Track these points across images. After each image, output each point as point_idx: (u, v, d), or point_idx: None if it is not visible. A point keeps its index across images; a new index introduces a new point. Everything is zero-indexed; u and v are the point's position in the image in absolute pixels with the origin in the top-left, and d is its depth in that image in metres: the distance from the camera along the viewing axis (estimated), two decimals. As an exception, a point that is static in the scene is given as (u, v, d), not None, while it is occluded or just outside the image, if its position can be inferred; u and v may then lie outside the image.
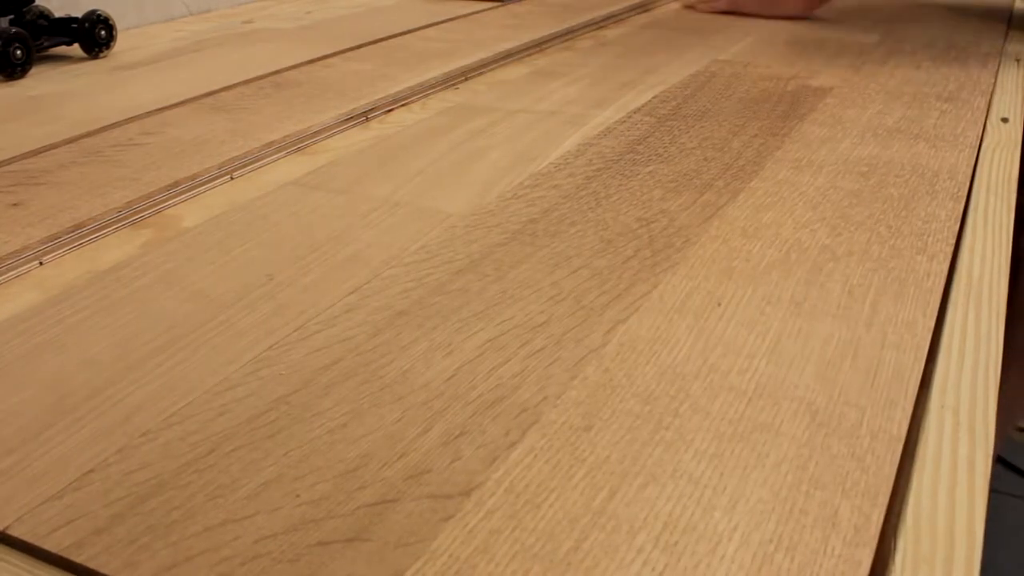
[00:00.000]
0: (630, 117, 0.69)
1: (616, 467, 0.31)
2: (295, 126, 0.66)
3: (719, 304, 0.41)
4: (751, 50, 0.94)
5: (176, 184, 0.55)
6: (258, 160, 0.60)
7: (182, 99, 0.73)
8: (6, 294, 0.44)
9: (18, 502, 0.30)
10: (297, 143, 0.64)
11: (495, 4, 1.19)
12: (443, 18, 1.08)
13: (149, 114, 0.70)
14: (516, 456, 0.31)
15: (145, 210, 0.53)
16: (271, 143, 0.63)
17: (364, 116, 0.70)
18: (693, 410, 0.34)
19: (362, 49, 0.93)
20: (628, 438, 0.32)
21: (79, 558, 0.27)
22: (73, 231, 0.49)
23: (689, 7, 1.17)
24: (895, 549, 0.28)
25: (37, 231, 0.49)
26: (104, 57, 0.91)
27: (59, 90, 0.78)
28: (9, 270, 0.45)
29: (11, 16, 0.87)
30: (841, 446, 0.32)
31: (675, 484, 0.30)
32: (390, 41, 0.97)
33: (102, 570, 0.27)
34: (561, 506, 0.29)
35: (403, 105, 0.74)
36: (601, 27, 1.08)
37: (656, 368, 0.36)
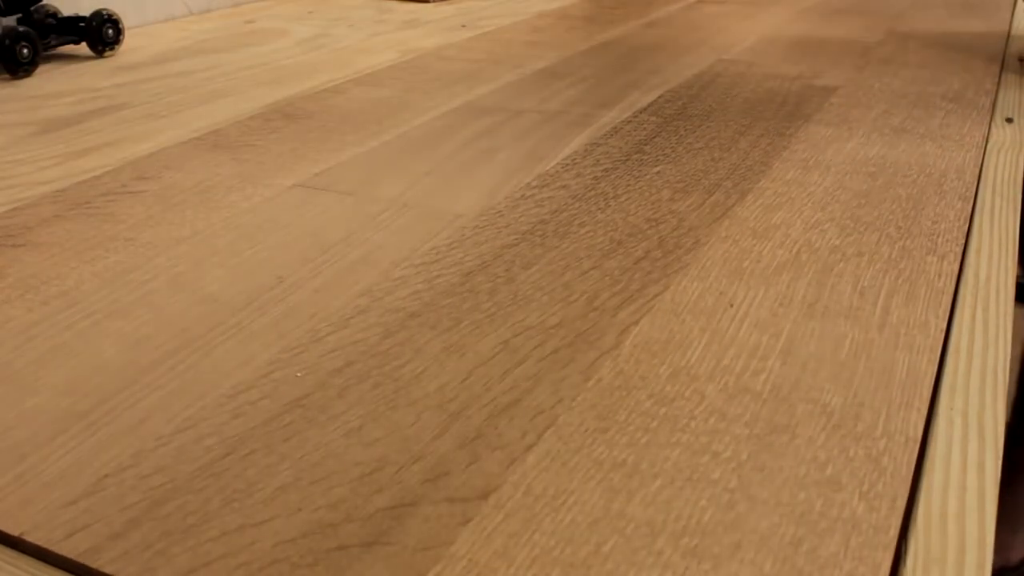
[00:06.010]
0: (636, 117, 0.69)
1: (634, 470, 0.31)
2: (310, 168, 0.65)
3: (731, 305, 0.41)
4: (755, 50, 0.94)
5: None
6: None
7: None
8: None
9: (33, 507, 0.29)
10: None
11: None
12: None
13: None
14: (533, 459, 0.31)
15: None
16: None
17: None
18: (709, 412, 0.34)
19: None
20: (645, 440, 0.32)
21: (96, 563, 0.27)
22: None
23: None
24: (906, 551, 0.28)
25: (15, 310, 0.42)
26: (110, 56, 0.91)
27: (61, 89, 0.78)
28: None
29: (19, 15, 0.87)
30: (858, 448, 0.32)
31: (693, 487, 0.30)
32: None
33: (118, 575, 0.27)
34: (580, 509, 0.29)
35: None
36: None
37: (670, 369, 0.36)
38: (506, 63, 0.88)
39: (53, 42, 0.89)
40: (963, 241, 0.48)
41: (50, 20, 0.89)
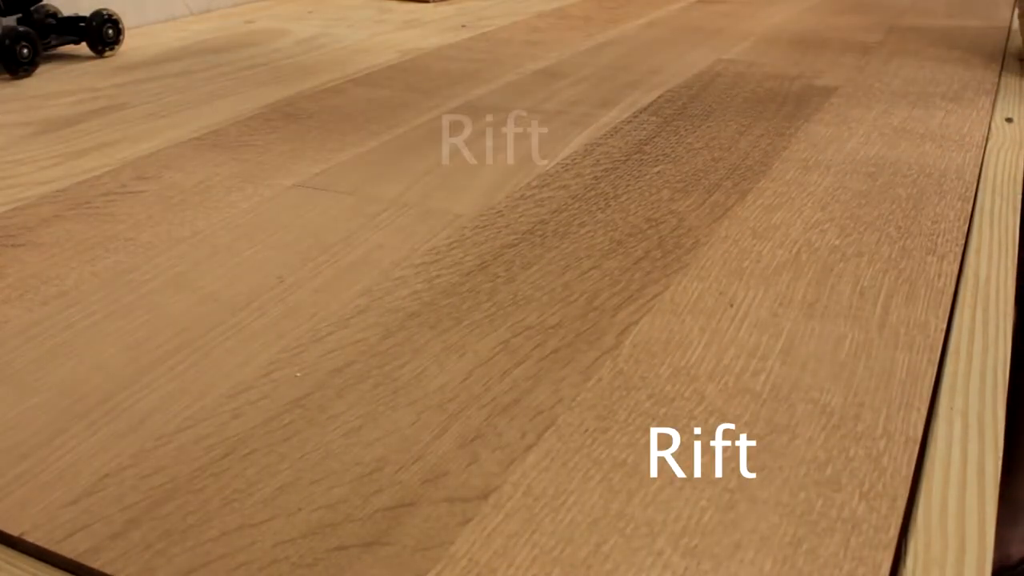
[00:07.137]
0: (636, 117, 0.69)
1: (633, 470, 0.31)
2: (310, 168, 0.65)
3: (731, 305, 0.41)
4: (755, 49, 0.94)
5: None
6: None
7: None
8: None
9: (33, 507, 0.29)
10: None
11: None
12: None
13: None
14: (533, 459, 0.31)
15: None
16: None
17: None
18: (709, 412, 0.34)
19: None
20: (644, 440, 0.32)
21: (95, 563, 0.27)
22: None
23: None
24: (906, 551, 0.28)
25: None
26: (110, 56, 0.91)
27: (61, 89, 0.78)
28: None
29: (19, 15, 0.87)
30: (858, 448, 0.32)
31: (693, 487, 0.30)
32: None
33: (118, 575, 0.27)
34: (580, 509, 0.29)
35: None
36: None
37: (670, 369, 0.36)
38: (506, 63, 0.89)
39: (53, 42, 0.89)
40: (963, 241, 0.48)
41: (50, 20, 0.89)
